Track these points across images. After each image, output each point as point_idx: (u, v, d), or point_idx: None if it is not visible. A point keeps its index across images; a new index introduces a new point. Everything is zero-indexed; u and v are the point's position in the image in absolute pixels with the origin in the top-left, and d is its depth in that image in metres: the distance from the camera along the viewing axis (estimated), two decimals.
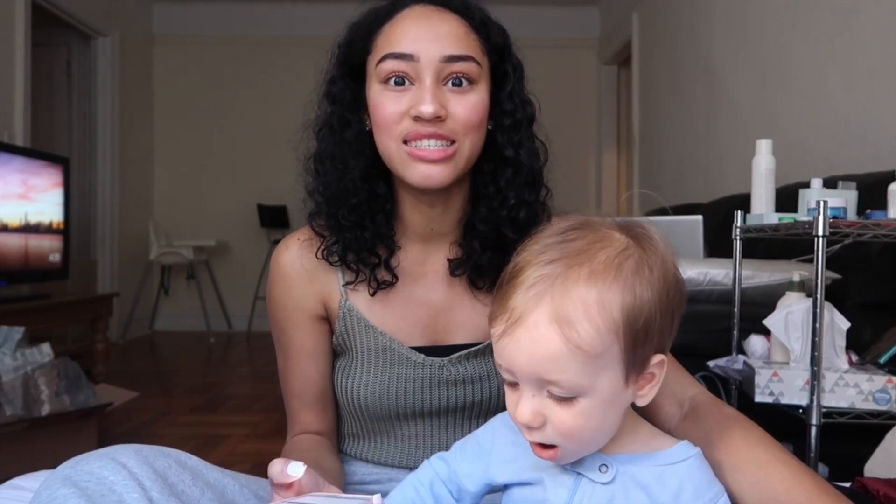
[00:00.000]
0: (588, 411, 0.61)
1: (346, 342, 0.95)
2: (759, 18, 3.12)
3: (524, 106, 0.92)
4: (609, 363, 0.60)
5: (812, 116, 2.69)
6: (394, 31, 0.86)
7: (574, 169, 5.89)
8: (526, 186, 0.91)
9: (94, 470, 0.69)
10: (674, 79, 4.19)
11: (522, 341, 0.60)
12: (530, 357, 0.60)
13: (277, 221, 5.60)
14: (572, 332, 0.59)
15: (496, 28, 0.91)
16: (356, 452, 0.99)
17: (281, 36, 5.78)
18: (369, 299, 0.94)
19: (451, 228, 0.94)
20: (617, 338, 0.60)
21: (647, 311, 0.61)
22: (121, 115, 5.26)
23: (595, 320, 0.59)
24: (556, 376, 0.59)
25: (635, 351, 0.61)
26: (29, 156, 3.37)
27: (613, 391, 0.62)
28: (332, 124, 0.92)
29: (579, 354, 0.59)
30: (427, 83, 0.83)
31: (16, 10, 3.89)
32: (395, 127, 0.85)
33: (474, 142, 0.87)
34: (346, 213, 0.90)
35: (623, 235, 0.64)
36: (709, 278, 1.89)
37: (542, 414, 0.61)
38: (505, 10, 1.04)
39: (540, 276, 0.61)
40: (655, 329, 0.62)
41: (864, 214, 1.42)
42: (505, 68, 0.91)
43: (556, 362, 0.59)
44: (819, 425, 1.33)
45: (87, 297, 3.63)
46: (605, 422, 0.63)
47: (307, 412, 0.97)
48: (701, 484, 0.64)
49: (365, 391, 0.93)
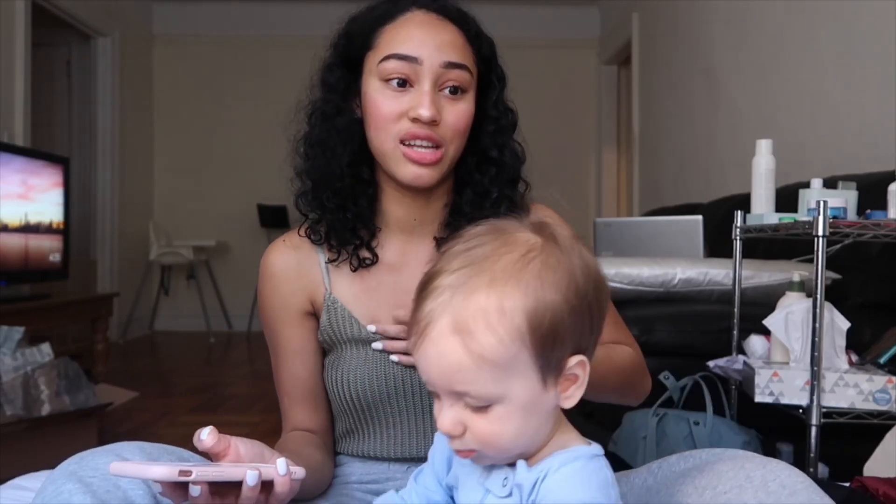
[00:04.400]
0: (505, 417, 0.60)
1: (331, 335, 0.97)
2: (759, 18, 3.12)
3: (507, 113, 0.99)
4: (520, 369, 0.59)
5: (812, 116, 2.69)
6: (398, 33, 0.91)
7: (574, 169, 5.89)
8: (509, 184, 0.98)
9: (99, 466, 0.70)
10: (674, 79, 4.19)
11: (430, 354, 0.59)
12: (439, 369, 0.59)
13: (277, 221, 5.60)
14: (473, 342, 0.57)
15: (487, 40, 0.97)
16: (352, 450, 0.99)
17: (281, 36, 5.78)
18: (353, 291, 0.97)
19: (433, 219, 0.99)
20: (524, 344, 0.58)
21: (551, 313, 0.59)
22: (121, 115, 5.26)
23: (496, 329, 0.58)
24: (465, 387, 0.59)
25: (547, 355, 0.60)
26: (29, 156, 3.37)
27: (530, 396, 0.60)
28: (325, 111, 0.97)
29: (484, 364, 0.58)
30: (426, 87, 0.89)
31: (16, 10, 3.89)
32: (392, 126, 0.90)
33: (458, 147, 0.93)
34: (331, 195, 0.95)
35: (533, 236, 0.62)
36: (709, 278, 1.89)
37: (461, 423, 0.61)
38: (505, 10, 1.06)
39: (445, 286, 0.60)
40: (567, 331, 0.60)
41: (864, 214, 1.43)
42: (491, 78, 0.98)
43: (464, 374, 0.58)
44: (819, 425, 1.33)
45: (87, 297, 3.63)
46: (528, 427, 0.62)
47: (298, 410, 0.99)
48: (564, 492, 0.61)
49: (354, 378, 0.95)
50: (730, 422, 1.61)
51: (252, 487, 0.67)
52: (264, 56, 5.83)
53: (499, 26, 1.09)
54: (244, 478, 0.67)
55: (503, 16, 5.65)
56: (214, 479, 0.66)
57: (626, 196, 5.56)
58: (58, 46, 5.14)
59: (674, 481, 0.78)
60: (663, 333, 1.76)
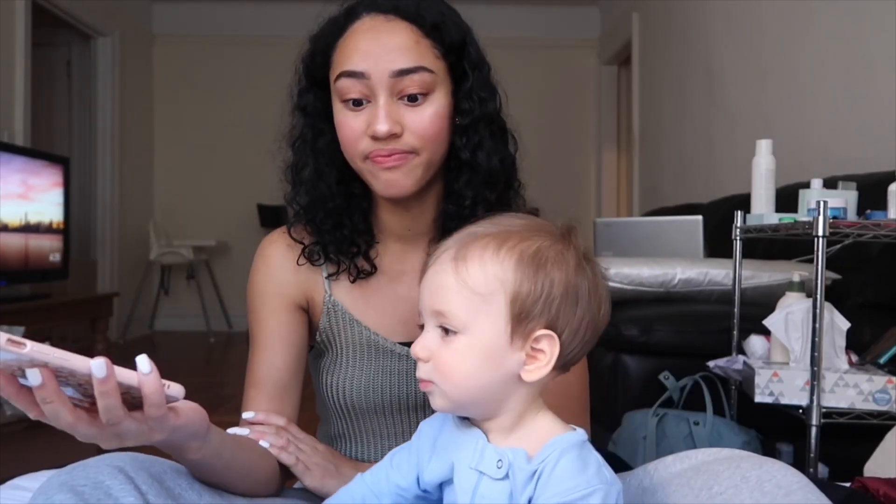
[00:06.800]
0: (465, 351, 0.65)
1: (330, 338, 0.96)
2: (759, 18, 3.12)
3: (482, 103, 0.90)
4: (492, 311, 0.65)
5: (812, 116, 2.69)
6: (347, 47, 0.87)
7: (574, 169, 5.89)
8: (485, 186, 0.91)
9: (89, 474, 0.69)
10: (674, 79, 4.19)
11: (429, 277, 0.68)
12: (430, 289, 0.67)
13: (277, 221, 5.57)
14: (463, 268, 0.66)
15: (452, 27, 0.89)
16: (344, 453, 0.99)
17: (281, 36, 5.76)
18: (352, 296, 0.96)
19: (428, 227, 0.96)
20: (503, 289, 0.65)
21: (547, 283, 0.65)
22: (121, 115, 5.25)
23: (485, 264, 0.66)
24: (443, 306, 0.66)
25: (520, 312, 0.65)
26: (29, 156, 3.36)
27: (493, 343, 0.65)
28: (306, 135, 0.95)
29: (464, 289, 0.65)
30: (381, 101, 0.85)
31: (16, 10, 3.88)
32: (356, 146, 0.87)
33: (434, 150, 0.88)
34: (324, 216, 0.93)
35: (559, 233, 0.69)
36: (709, 278, 1.89)
37: (429, 349, 0.67)
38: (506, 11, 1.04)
39: (461, 235, 0.69)
40: (553, 305, 0.65)
41: (864, 214, 1.43)
42: (463, 67, 0.90)
43: (445, 292, 0.66)
44: (819, 425, 1.33)
45: (87, 297, 3.63)
46: (483, 376, 0.66)
47: (262, 403, 0.92)
48: (560, 476, 0.63)
49: (351, 385, 0.94)
50: (730, 422, 1.61)
51: (102, 380, 0.56)
52: (264, 56, 5.82)
53: (499, 26, 1.09)
54: (90, 369, 0.56)
55: (503, 16, 5.65)
56: (56, 364, 0.55)
57: (626, 196, 5.56)
58: (58, 46, 5.14)
59: (670, 482, 0.77)
60: (663, 333, 1.76)
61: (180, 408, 0.66)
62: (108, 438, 0.62)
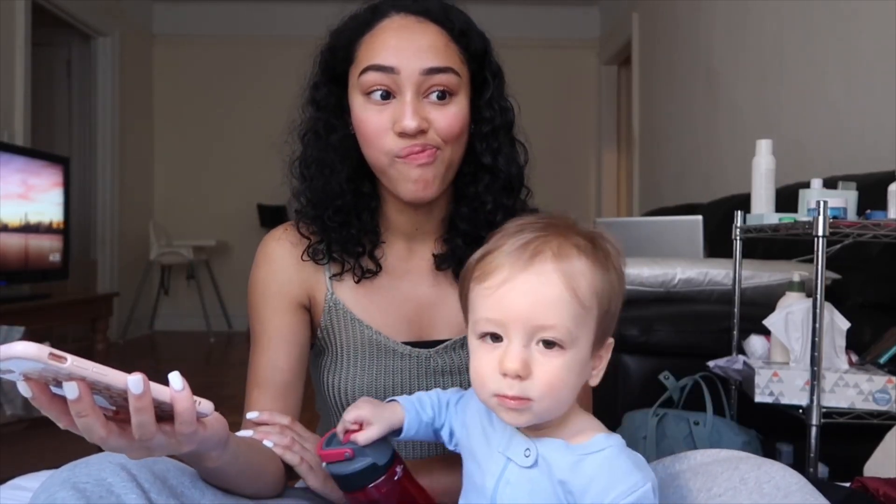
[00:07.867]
0: (570, 365, 0.65)
1: (330, 337, 0.96)
2: (759, 18, 3.12)
3: (503, 112, 0.93)
4: (588, 323, 0.66)
5: (812, 116, 2.69)
6: (375, 42, 0.87)
7: (574, 169, 5.89)
8: (503, 191, 0.93)
9: (92, 472, 0.69)
10: (674, 79, 4.19)
11: (527, 285, 0.65)
12: (533, 300, 0.64)
13: (277, 221, 5.53)
14: (572, 281, 0.65)
15: (476, 35, 0.91)
16: None
17: (281, 36, 5.78)
18: (355, 295, 0.95)
19: (435, 227, 0.96)
20: (598, 302, 0.67)
21: (614, 291, 0.69)
22: (121, 115, 5.25)
23: (588, 279, 0.66)
24: (553, 320, 0.64)
25: (603, 321, 0.68)
26: (29, 156, 3.37)
27: (585, 355, 0.67)
28: (318, 129, 0.94)
29: (576, 303, 0.65)
30: (408, 97, 0.85)
31: (16, 10, 3.88)
32: (380, 142, 0.86)
33: (456, 150, 0.89)
34: (332, 214, 0.92)
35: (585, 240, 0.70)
36: (709, 278, 1.89)
37: (529, 365, 0.64)
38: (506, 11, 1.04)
39: (532, 237, 0.67)
40: (617, 310, 0.70)
41: (864, 214, 1.42)
42: (485, 75, 0.92)
43: (556, 305, 0.64)
44: (819, 425, 1.33)
45: (87, 297, 3.63)
46: (574, 390, 0.67)
47: (266, 404, 0.92)
48: (615, 475, 0.64)
49: (352, 385, 0.94)
50: (730, 422, 1.61)
51: (139, 396, 0.57)
52: (264, 56, 5.83)
53: (499, 26, 1.08)
54: (126, 384, 0.56)
55: (503, 16, 5.65)
56: (93, 378, 0.55)
57: (626, 196, 5.56)
58: (58, 46, 5.14)
59: (668, 483, 0.78)
60: (663, 333, 1.76)
61: (207, 420, 0.66)
62: (138, 450, 0.62)
